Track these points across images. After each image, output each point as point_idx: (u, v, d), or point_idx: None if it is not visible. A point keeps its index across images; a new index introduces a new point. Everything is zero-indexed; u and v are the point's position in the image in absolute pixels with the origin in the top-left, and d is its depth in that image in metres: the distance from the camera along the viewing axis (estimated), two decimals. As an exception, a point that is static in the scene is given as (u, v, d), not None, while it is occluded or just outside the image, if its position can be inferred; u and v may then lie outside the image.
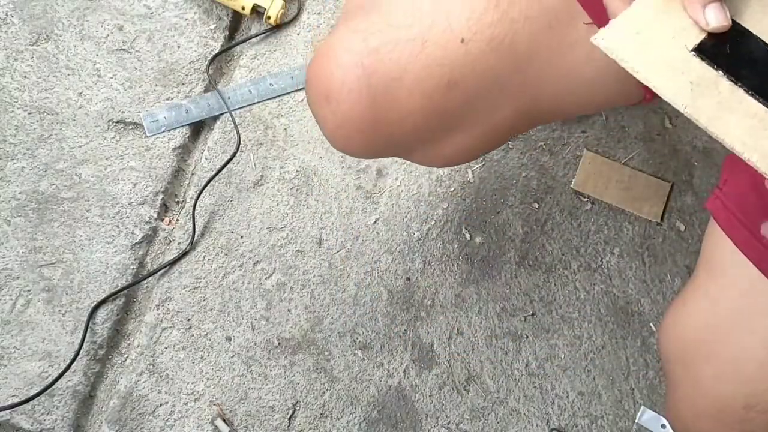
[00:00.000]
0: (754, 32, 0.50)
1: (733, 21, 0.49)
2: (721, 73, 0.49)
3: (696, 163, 0.87)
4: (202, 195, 0.83)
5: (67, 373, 0.76)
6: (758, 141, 0.47)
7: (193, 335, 0.79)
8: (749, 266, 0.54)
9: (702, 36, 0.49)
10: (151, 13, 0.89)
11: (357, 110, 0.53)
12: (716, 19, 0.47)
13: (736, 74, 0.49)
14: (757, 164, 0.46)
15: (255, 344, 0.79)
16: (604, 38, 0.48)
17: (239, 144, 0.83)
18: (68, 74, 0.86)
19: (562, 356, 0.81)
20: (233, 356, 0.79)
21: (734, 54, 0.50)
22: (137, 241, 0.81)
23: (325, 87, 0.54)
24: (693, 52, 0.49)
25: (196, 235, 0.82)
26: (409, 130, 0.54)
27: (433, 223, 0.84)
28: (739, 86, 0.49)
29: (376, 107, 0.52)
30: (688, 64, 0.49)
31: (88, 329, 0.77)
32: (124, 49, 0.88)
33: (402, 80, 0.51)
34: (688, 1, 0.47)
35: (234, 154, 0.82)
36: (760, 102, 0.48)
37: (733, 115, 0.48)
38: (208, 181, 0.82)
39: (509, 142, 0.87)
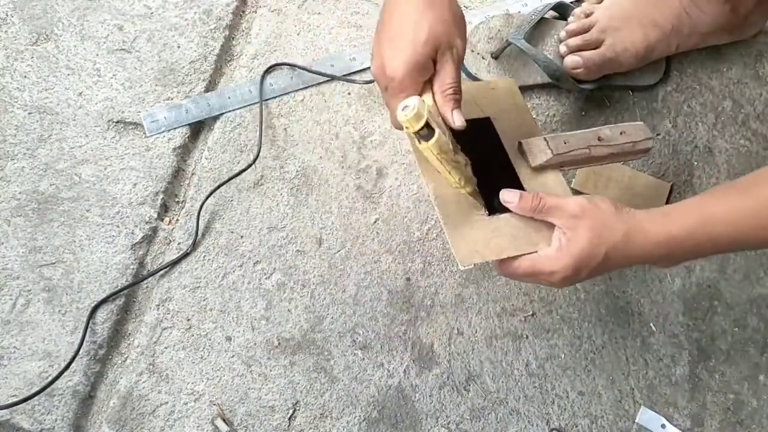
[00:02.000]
0: (504, 143, 0.69)
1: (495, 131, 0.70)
2: (454, 140, 0.63)
3: (696, 163, 0.87)
4: (203, 197, 0.83)
5: (66, 373, 0.76)
6: (444, 183, 0.64)
7: (193, 335, 0.79)
8: None
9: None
10: (151, 13, 0.89)
11: None
12: (459, 120, 0.62)
13: (462, 146, 0.64)
14: (431, 193, 0.64)
15: (255, 344, 0.79)
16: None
17: (258, 153, 0.84)
18: (68, 74, 0.86)
19: (562, 356, 0.81)
20: (233, 356, 0.79)
21: (471, 141, 0.65)
22: (137, 241, 0.81)
23: None
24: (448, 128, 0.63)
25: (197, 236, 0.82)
26: None
27: (433, 223, 0.84)
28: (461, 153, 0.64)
29: None
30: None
31: (88, 329, 0.77)
32: (124, 49, 0.88)
33: None
34: (441, 106, 0.62)
35: (251, 164, 0.83)
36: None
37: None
38: (217, 187, 0.82)
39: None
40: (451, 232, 0.63)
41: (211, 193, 0.82)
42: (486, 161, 0.67)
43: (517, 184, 0.67)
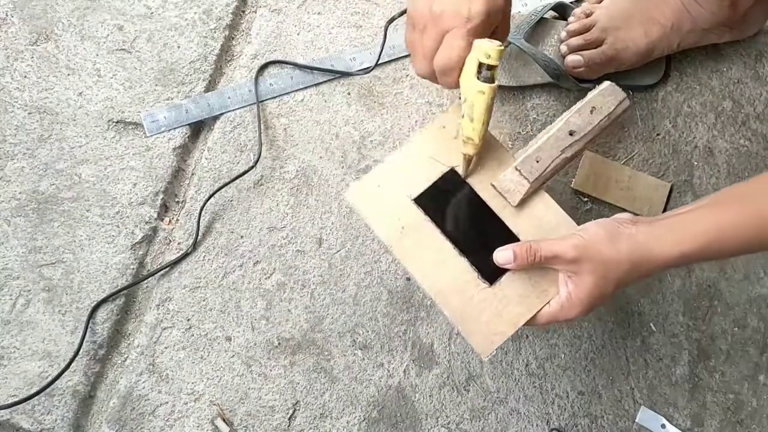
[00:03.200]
0: (478, 190, 0.65)
1: (465, 180, 0.65)
2: (428, 218, 0.63)
3: (696, 163, 0.87)
4: (203, 197, 0.83)
5: (66, 373, 0.76)
6: (436, 274, 0.62)
7: (193, 335, 0.79)
8: None
9: (425, 187, 0.64)
10: (151, 13, 0.89)
11: None
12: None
13: (440, 221, 0.63)
14: (428, 291, 0.61)
15: (255, 344, 0.79)
16: (350, 194, 0.63)
17: (260, 155, 0.83)
18: (68, 74, 0.86)
19: (562, 356, 0.81)
20: (233, 356, 0.79)
21: (444, 206, 0.64)
22: (137, 241, 0.81)
23: None
24: (413, 201, 0.63)
25: (196, 236, 0.82)
26: None
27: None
28: (439, 230, 0.63)
29: None
30: (405, 210, 0.63)
31: (88, 329, 0.77)
32: (124, 49, 0.88)
33: None
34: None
35: (252, 167, 0.82)
36: (449, 243, 0.62)
37: (426, 252, 0.62)
38: (218, 189, 0.82)
39: (509, 142, 0.87)
40: (463, 326, 0.61)
41: (211, 195, 0.82)
42: (467, 221, 0.64)
43: (506, 232, 0.64)
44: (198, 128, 0.87)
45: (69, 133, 0.84)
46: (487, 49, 0.57)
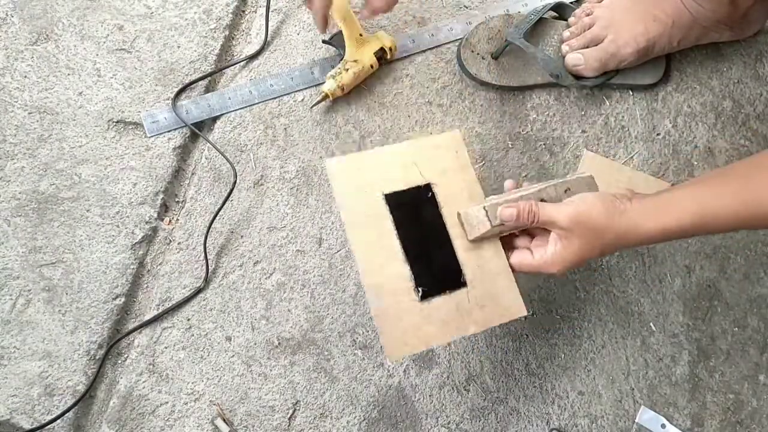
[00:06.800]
0: (443, 214, 0.68)
1: (435, 199, 0.68)
2: (390, 217, 0.66)
3: (696, 163, 0.87)
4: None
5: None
6: (378, 269, 0.64)
7: (193, 335, 0.79)
8: None
9: (399, 189, 0.68)
10: (151, 13, 0.89)
11: None
12: None
13: (399, 224, 0.66)
14: (363, 280, 0.64)
15: (255, 344, 0.79)
16: (332, 164, 0.67)
17: (235, 180, 0.82)
18: (68, 74, 0.86)
19: (562, 356, 0.81)
20: (233, 356, 0.79)
21: (409, 212, 0.67)
22: (137, 240, 0.81)
23: None
24: (382, 197, 0.67)
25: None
26: None
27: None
28: (396, 232, 0.66)
29: None
30: (374, 202, 0.67)
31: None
32: (124, 49, 0.88)
33: None
34: None
35: (231, 191, 0.81)
36: (400, 247, 0.65)
37: (377, 245, 0.65)
38: (214, 217, 0.81)
39: (509, 142, 0.87)
40: (381, 323, 0.63)
41: (211, 222, 0.82)
42: (423, 235, 0.67)
43: (453, 259, 0.67)
44: (198, 128, 0.87)
45: (69, 133, 0.84)
46: None
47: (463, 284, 0.66)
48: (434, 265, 0.66)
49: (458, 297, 0.65)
